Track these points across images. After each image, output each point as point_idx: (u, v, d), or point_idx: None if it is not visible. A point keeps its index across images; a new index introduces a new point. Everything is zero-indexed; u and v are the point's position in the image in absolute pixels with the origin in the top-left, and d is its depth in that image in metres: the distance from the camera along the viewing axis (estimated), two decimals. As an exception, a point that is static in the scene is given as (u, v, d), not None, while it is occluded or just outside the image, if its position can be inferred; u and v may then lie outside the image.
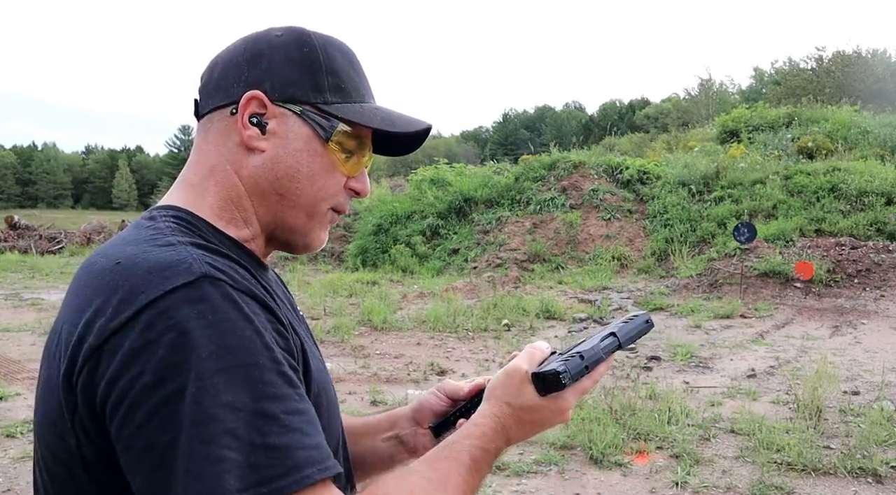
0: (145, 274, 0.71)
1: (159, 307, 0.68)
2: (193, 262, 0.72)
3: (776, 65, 50.27)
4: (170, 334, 0.67)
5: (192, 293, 0.70)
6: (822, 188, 13.51)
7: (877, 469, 4.18)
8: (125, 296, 0.70)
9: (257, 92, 0.84)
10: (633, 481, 4.18)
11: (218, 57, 0.90)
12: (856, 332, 8.34)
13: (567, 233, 14.55)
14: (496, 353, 7.39)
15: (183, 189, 0.87)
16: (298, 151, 0.86)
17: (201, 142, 0.88)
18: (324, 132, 0.87)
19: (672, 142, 24.10)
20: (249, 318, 0.71)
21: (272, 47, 0.86)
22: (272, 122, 0.85)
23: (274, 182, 0.86)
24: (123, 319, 0.69)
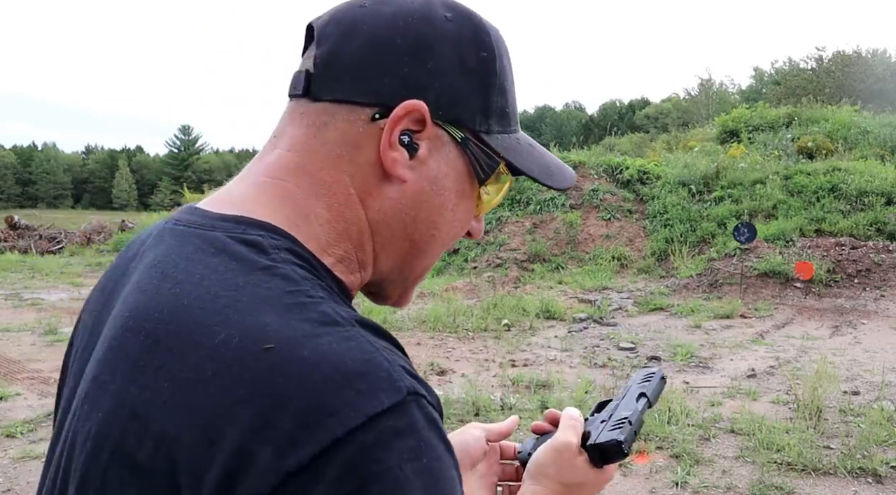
0: (329, 381, 0.49)
1: (361, 441, 0.48)
2: (392, 370, 0.52)
3: (776, 65, 50.34)
4: (378, 485, 0.48)
5: (401, 422, 0.50)
6: (822, 188, 13.51)
7: (877, 469, 4.18)
8: (304, 418, 0.48)
9: (421, 104, 0.62)
10: (633, 481, 4.18)
11: (353, 20, 0.64)
12: (856, 332, 8.34)
13: (567, 233, 14.56)
14: (496, 353, 7.40)
15: (278, 200, 0.63)
16: (448, 190, 0.67)
17: (310, 139, 0.64)
18: (482, 172, 0.68)
19: (672, 142, 24.11)
20: (450, 446, 0.55)
21: (442, 38, 0.64)
22: (424, 145, 0.64)
23: (410, 224, 0.66)
24: (308, 456, 0.47)
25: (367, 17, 0.64)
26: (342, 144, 0.63)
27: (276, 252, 0.58)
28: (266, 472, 0.47)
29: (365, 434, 0.48)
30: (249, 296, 0.54)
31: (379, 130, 0.62)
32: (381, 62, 0.62)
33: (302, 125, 0.64)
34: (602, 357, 7.17)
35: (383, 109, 0.62)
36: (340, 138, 0.63)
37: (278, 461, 0.47)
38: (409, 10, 0.64)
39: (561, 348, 7.66)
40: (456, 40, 0.65)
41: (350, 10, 0.65)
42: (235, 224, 0.60)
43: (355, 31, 0.63)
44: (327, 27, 0.65)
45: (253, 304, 0.53)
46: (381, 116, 0.62)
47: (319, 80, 0.63)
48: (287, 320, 0.52)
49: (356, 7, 0.65)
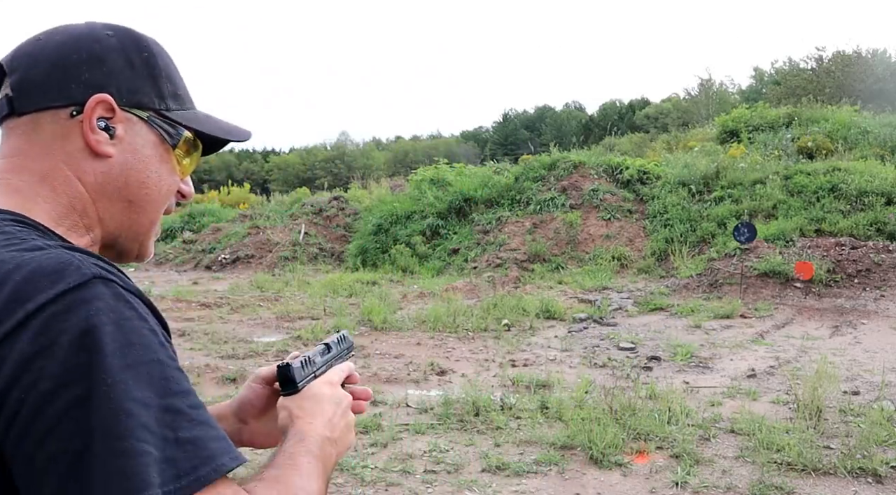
0: (26, 280, 0.66)
1: (51, 311, 0.64)
2: (81, 264, 0.68)
3: (776, 65, 50.28)
4: (67, 336, 0.63)
5: (85, 294, 0.66)
6: (822, 188, 13.51)
7: (877, 469, 4.18)
8: (8, 303, 0.65)
9: (106, 96, 0.82)
10: (633, 481, 4.18)
11: (33, 51, 0.83)
12: (856, 332, 8.34)
13: (567, 233, 14.55)
14: (496, 353, 7.39)
15: (7, 194, 0.80)
16: (148, 157, 0.86)
17: (23, 144, 0.82)
18: (171, 139, 0.88)
19: (672, 142, 24.09)
20: (144, 317, 0.69)
21: (109, 49, 0.84)
22: (119, 127, 0.84)
23: (123, 188, 0.85)
24: (8, 327, 0.64)
25: (45, 46, 0.84)
26: (52, 140, 0.82)
27: (7, 224, 0.74)
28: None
29: (54, 305, 0.64)
30: None
31: (79, 123, 0.82)
32: (66, 74, 0.82)
33: (14, 136, 0.83)
34: (602, 357, 7.17)
35: (78, 107, 0.81)
36: (49, 136, 0.82)
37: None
38: (77, 34, 0.84)
39: (561, 348, 7.66)
40: (121, 48, 0.85)
41: (29, 44, 0.85)
42: None
43: (39, 57, 0.83)
44: (14, 61, 0.83)
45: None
46: (78, 113, 0.81)
47: (19, 99, 0.82)
48: (2, 253, 0.69)
49: (33, 41, 0.85)
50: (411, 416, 5.34)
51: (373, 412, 5.31)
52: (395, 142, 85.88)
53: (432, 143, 76.33)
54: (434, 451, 4.61)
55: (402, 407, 5.55)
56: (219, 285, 13.09)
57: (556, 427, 5.02)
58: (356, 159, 65.97)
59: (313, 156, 67.97)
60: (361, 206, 18.13)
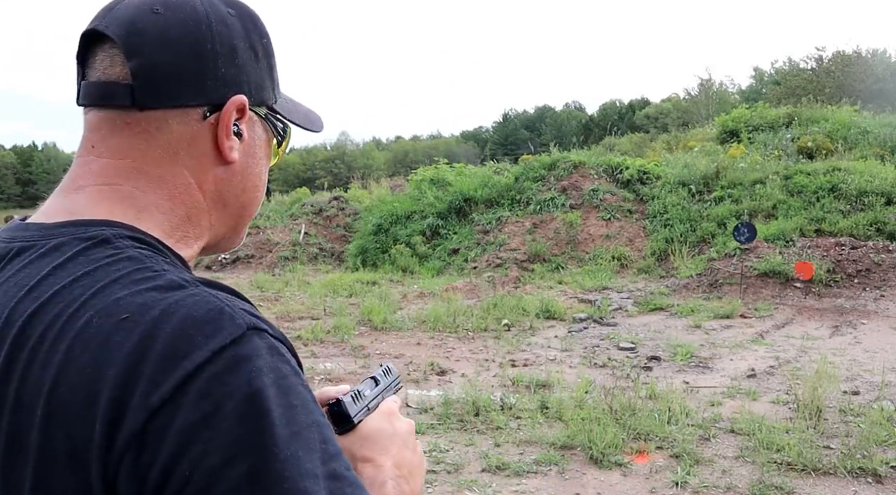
0: (179, 331, 0.58)
1: (210, 371, 0.57)
2: (234, 312, 0.61)
3: (776, 65, 50.30)
4: (231, 402, 0.56)
5: (243, 350, 0.59)
6: (822, 188, 13.50)
7: (877, 469, 4.18)
8: (162, 364, 0.57)
9: (244, 98, 0.73)
10: (633, 481, 4.18)
11: (155, 29, 0.70)
12: (856, 332, 8.34)
13: (567, 233, 14.55)
14: (496, 353, 7.40)
15: (114, 201, 0.70)
16: (261, 159, 0.80)
17: (142, 144, 0.71)
18: (280, 136, 0.81)
19: (672, 142, 24.09)
20: (297, 372, 0.62)
21: (236, 35, 0.74)
22: (244, 128, 0.75)
23: (240, 194, 0.78)
24: (167, 392, 0.56)
25: (170, 26, 0.70)
26: (178, 143, 0.72)
27: (119, 240, 0.65)
28: (137, 412, 0.55)
29: (213, 365, 0.57)
30: (100, 281, 0.61)
31: (210, 125, 0.72)
32: (201, 68, 0.71)
33: (131, 134, 0.71)
34: (602, 357, 7.17)
35: (211, 107, 0.72)
36: (176, 138, 0.72)
37: (145, 400, 0.55)
38: (203, 13, 0.72)
39: (561, 348, 7.66)
40: (244, 34, 0.75)
41: (147, 18, 0.70)
42: (76, 227, 0.67)
43: (166, 41, 0.69)
44: (131, 38, 0.69)
45: (105, 286, 0.61)
46: (211, 113, 0.72)
47: (145, 91, 0.69)
48: (138, 292, 0.60)
49: (151, 14, 0.70)
50: (411, 416, 5.32)
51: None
52: (395, 142, 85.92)
53: (432, 143, 76.32)
54: (434, 451, 4.61)
55: (401, 408, 5.55)
56: (219, 285, 13.08)
57: (556, 427, 5.02)
58: (356, 159, 66.00)
59: (313, 156, 68.02)
60: (361, 206, 18.12)
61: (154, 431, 0.55)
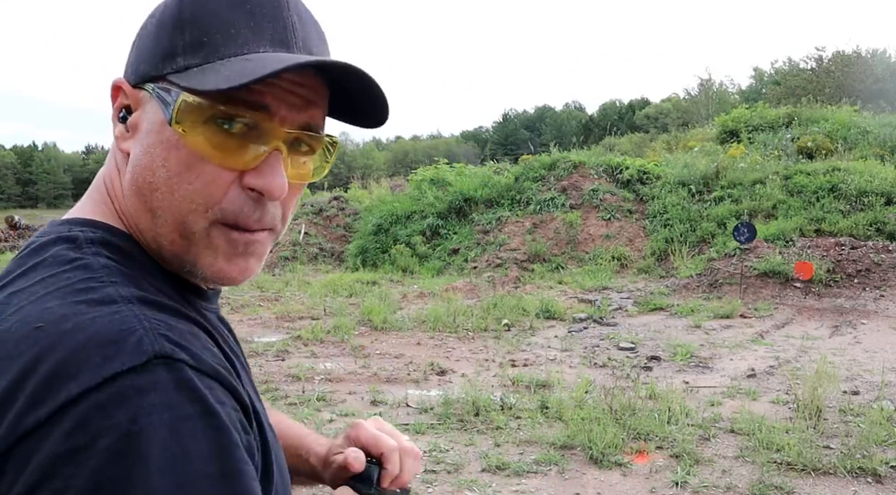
0: (78, 350, 0.52)
1: (95, 399, 0.50)
2: (144, 335, 0.54)
3: (776, 65, 50.35)
4: (107, 438, 0.49)
5: (139, 381, 0.51)
6: (822, 188, 13.51)
7: (876, 469, 4.18)
8: (48, 381, 0.51)
9: (118, 78, 0.67)
10: (633, 481, 4.18)
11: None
12: (856, 332, 8.34)
13: (567, 233, 14.55)
14: (496, 353, 7.40)
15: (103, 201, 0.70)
16: (151, 146, 0.64)
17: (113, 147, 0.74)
18: (166, 109, 0.63)
19: (672, 142, 24.10)
20: (212, 411, 0.54)
21: (152, 14, 0.68)
22: (135, 113, 0.66)
23: (138, 194, 0.65)
24: (42, 415, 0.50)
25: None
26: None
27: (88, 246, 0.63)
28: (7, 431, 0.50)
29: (99, 393, 0.51)
30: (46, 288, 0.58)
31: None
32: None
33: None
34: (602, 357, 7.17)
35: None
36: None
37: (17, 420, 0.50)
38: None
39: (561, 348, 7.66)
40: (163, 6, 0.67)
41: None
42: (65, 225, 0.66)
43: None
44: None
45: (47, 294, 0.58)
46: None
47: None
48: (68, 303, 0.56)
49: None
50: (411, 416, 5.34)
51: (373, 412, 5.31)
52: (395, 142, 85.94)
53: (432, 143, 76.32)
54: (434, 451, 4.61)
55: (402, 407, 5.55)
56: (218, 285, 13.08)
57: (556, 427, 5.02)
58: (356, 159, 66.00)
59: (313, 156, 67.93)
60: (361, 206, 18.12)
61: (19, 456, 0.50)
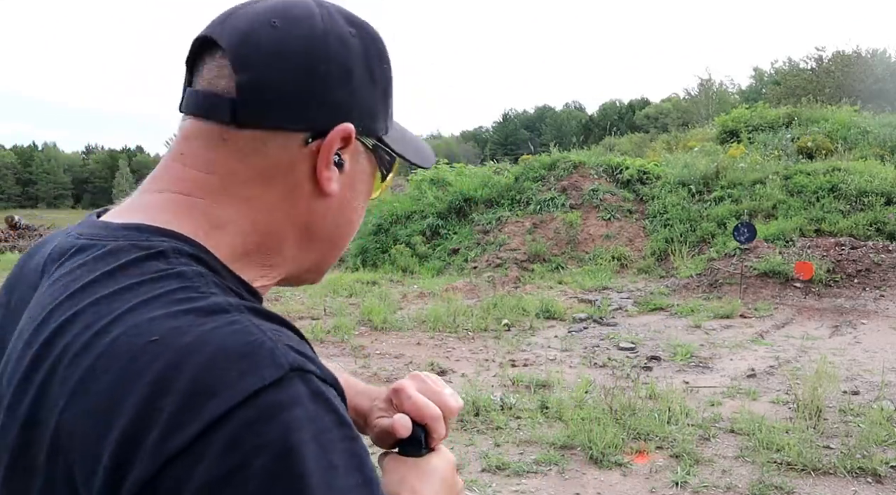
0: (211, 365, 0.51)
1: (242, 417, 0.49)
2: (276, 348, 0.53)
3: (776, 65, 50.37)
4: (262, 458, 0.48)
5: (282, 396, 0.51)
6: (822, 188, 13.51)
7: (877, 469, 4.18)
8: (187, 400, 0.49)
9: (351, 127, 0.66)
10: (633, 481, 4.18)
11: (270, 45, 0.64)
12: (856, 332, 8.34)
13: (567, 233, 14.56)
14: (496, 353, 7.40)
15: (187, 212, 0.65)
16: (361, 192, 0.72)
17: (236, 163, 0.65)
18: (386, 169, 0.74)
19: (672, 142, 24.11)
20: (344, 422, 0.54)
21: (355, 57, 0.67)
22: (347, 159, 0.69)
23: (333, 229, 0.71)
24: (188, 438, 0.48)
25: (286, 42, 0.64)
26: (273, 167, 0.66)
27: (175, 256, 0.60)
28: (150, 456, 0.48)
29: (246, 410, 0.49)
30: (143, 297, 0.55)
31: (311, 152, 0.66)
32: (311, 90, 0.65)
33: (226, 150, 0.65)
34: (602, 357, 7.17)
35: (314, 133, 0.66)
36: (272, 162, 0.65)
37: (161, 444, 0.48)
38: (322, 31, 0.66)
39: (561, 348, 7.66)
40: (364, 56, 0.68)
41: (263, 32, 0.65)
42: (139, 232, 0.62)
43: (279, 58, 0.64)
44: (242, 50, 0.64)
45: (144, 303, 0.55)
46: (313, 139, 0.66)
47: (248, 109, 0.64)
48: (174, 313, 0.54)
49: (268, 27, 0.65)
50: (411, 416, 5.33)
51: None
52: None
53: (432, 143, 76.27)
54: (434, 451, 4.61)
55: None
56: (219, 285, 13.11)
57: (556, 427, 5.02)
58: (356, 159, 65.89)
59: (313, 157, 68.01)
60: (361, 206, 18.12)
61: (167, 483, 0.48)
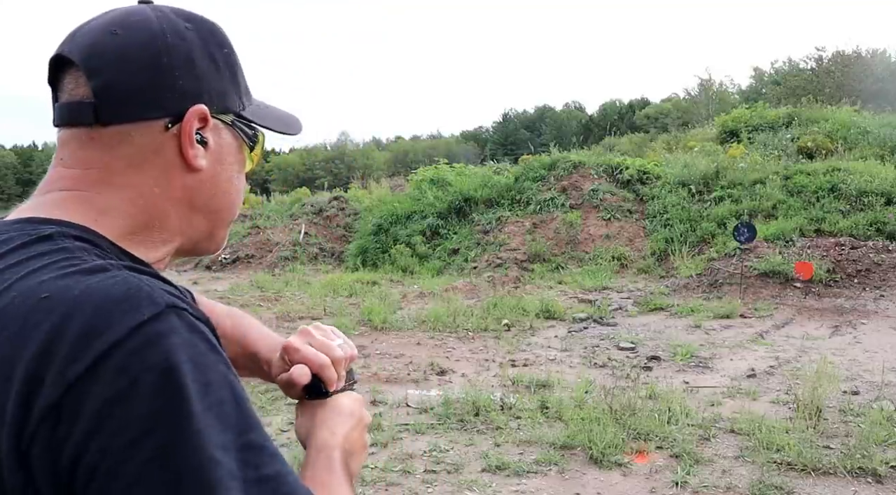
0: (97, 308, 0.60)
1: (127, 347, 0.59)
2: (152, 291, 0.63)
3: (776, 65, 50.31)
4: (149, 376, 0.58)
5: (160, 327, 0.60)
6: (822, 188, 13.51)
7: (877, 469, 4.18)
8: (79, 339, 0.59)
9: (203, 107, 0.76)
10: (633, 481, 4.18)
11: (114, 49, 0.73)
12: (856, 332, 8.34)
13: (567, 233, 14.55)
14: (496, 353, 7.40)
15: (74, 204, 0.73)
16: (231, 165, 0.82)
17: (106, 157, 0.74)
18: (250, 141, 0.84)
19: (672, 142, 24.09)
20: (216, 349, 0.64)
21: (194, 47, 0.77)
22: (210, 136, 0.78)
23: (210, 200, 0.80)
24: (83, 367, 0.58)
25: (127, 45, 0.73)
26: (142, 154, 0.75)
27: (60, 238, 0.68)
28: (52, 387, 0.58)
29: (130, 340, 0.59)
30: (32, 267, 0.65)
31: (173, 135, 0.75)
32: (158, 82, 0.74)
33: (96, 147, 0.74)
34: (602, 357, 7.17)
35: (172, 118, 0.75)
36: (139, 150, 0.75)
37: (61, 376, 0.58)
38: (159, 30, 0.75)
39: (561, 348, 7.66)
40: (203, 45, 0.78)
41: (105, 40, 0.74)
42: (28, 224, 0.71)
43: (124, 61, 0.73)
44: (92, 59, 0.73)
45: (33, 272, 0.64)
46: (173, 124, 0.75)
47: (106, 108, 0.73)
48: (61, 275, 0.63)
49: (110, 35, 0.74)
50: (411, 416, 5.34)
51: (373, 412, 5.31)
52: (395, 142, 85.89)
53: (432, 143, 76.29)
54: (434, 451, 4.61)
55: (402, 407, 5.55)
56: (219, 285, 13.09)
57: (556, 427, 5.02)
58: (356, 159, 66.01)
59: (313, 156, 68.00)
60: (361, 206, 18.11)
61: (70, 405, 0.57)
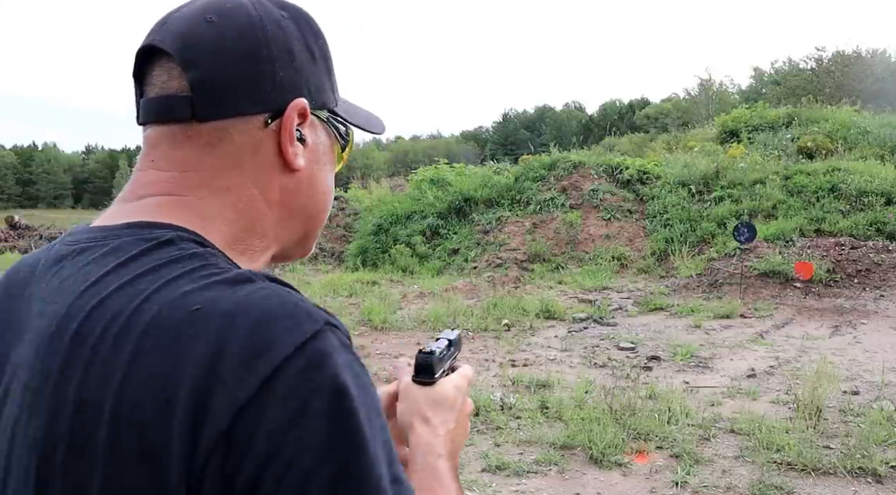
0: (256, 324, 0.56)
1: (295, 367, 0.55)
2: (309, 307, 0.59)
3: (776, 65, 50.31)
4: (319, 400, 0.55)
5: (322, 345, 0.57)
6: (822, 188, 13.51)
7: (877, 469, 4.18)
8: (242, 360, 0.55)
9: (304, 101, 0.71)
10: (633, 481, 4.18)
11: (211, 40, 0.68)
12: (856, 332, 8.34)
13: (567, 233, 14.55)
14: (496, 353, 7.40)
15: (179, 209, 0.67)
16: (326, 165, 0.77)
17: (206, 156, 0.68)
18: (342, 140, 0.79)
19: (672, 142, 24.08)
20: (364, 366, 0.62)
21: (291, 37, 0.71)
22: (308, 133, 0.73)
23: (307, 202, 0.75)
24: (251, 391, 0.54)
25: (225, 35, 0.68)
26: (241, 153, 0.69)
27: (182, 242, 0.63)
28: (221, 412, 0.53)
29: (297, 360, 0.55)
30: (167, 277, 0.59)
31: (272, 132, 0.70)
32: (258, 74, 0.68)
33: (193, 147, 0.68)
34: (602, 357, 7.17)
35: (272, 114, 0.69)
36: (238, 148, 0.69)
37: (230, 399, 0.54)
38: (257, 17, 0.69)
39: (561, 348, 7.66)
40: (300, 35, 0.72)
41: (201, 28, 0.68)
42: (139, 228, 0.65)
43: (222, 50, 0.68)
44: (187, 50, 0.68)
45: (170, 281, 0.59)
46: (272, 120, 0.70)
47: (204, 102, 0.67)
48: (206, 285, 0.58)
49: (205, 23, 0.68)
50: (411, 416, 5.33)
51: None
52: (395, 142, 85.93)
53: (432, 143, 76.37)
54: (434, 451, 4.60)
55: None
56: (219, 285, 13.12)
57: (556, 427, 5.02)
58: (356, 159, 65.98)
59: (313, 157, 67.97)
60: (361, 206, 18.11)
61: (242, 431, 0.53)
